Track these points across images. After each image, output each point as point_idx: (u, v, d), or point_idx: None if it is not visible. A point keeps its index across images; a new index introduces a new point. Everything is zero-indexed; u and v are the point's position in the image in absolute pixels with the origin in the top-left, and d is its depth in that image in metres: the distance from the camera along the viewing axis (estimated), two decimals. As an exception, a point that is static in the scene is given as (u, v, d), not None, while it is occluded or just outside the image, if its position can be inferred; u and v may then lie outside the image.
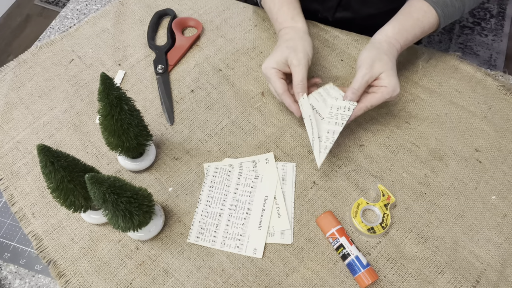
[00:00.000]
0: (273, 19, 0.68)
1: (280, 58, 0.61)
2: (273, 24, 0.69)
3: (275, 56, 0.61)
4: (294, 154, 0.63)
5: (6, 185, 0.61)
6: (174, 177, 0.61)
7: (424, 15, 0.62)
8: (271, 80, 0.61)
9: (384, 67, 0.58)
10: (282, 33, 0.65)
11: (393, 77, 0.58)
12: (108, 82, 0.47)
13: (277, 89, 0.61)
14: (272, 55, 0.62)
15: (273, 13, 0.67)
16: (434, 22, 0.63)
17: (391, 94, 0.58)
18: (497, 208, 0.58)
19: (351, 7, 0.75)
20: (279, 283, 0.53)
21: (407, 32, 0.62)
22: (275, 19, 0.67)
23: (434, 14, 0.62)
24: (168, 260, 0.55)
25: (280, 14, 0.66)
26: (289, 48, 0.61)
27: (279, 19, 0.66)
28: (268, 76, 0.62)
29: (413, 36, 0.63)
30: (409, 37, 0.62)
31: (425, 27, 0.62)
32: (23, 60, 0.73)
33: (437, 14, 0.62)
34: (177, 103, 0.68)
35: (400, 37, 0.62)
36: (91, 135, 0.65)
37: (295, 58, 0.60)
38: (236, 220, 0.57)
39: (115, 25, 0.77)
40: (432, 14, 0.62)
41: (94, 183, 0.42)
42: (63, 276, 0.54)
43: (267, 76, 0.62)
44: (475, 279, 0.53)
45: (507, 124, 0.65)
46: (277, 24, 0.67)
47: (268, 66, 0.61)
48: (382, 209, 0.56)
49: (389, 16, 0.76)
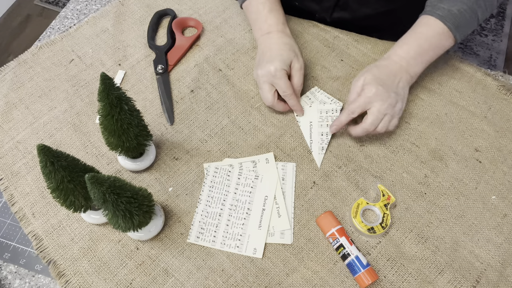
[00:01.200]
0: (260, 20, 0.67)
1: (287, 60, 0.62)
2: (255, 24, 0.68)
3: (283, 58, 0.62)
4: (294, 154, 0.63)
5: (6, 185, 0.61)
6: (174, 177, 0.61)
7: (428, 29, 0.61)
8: (282, 81, 0.62)
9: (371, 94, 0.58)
10: (276, 35, 0.65)
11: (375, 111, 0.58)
12: (108, 82, 0.47)
13: (287, 89, 0.62)
14: (278, 56, 0.62)
15: (261, 14, 0.67)
16: (441, 32, 0.60)
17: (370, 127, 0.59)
18: (497, 208, 0.58)
19: (349, 8, 0.75)
20: (279, 283, 0.53)
21: (407, 45, 0.62)
22: (263, 20, 0.67)
23: (441, 26, 0.60)
24: (168, 260, 0.55)
25: (271, 17, 0.66)
26: (291, 51, 0.63)
27: (268, 21, 0.66)
28: (278, 77, 0.62)
29: (418, 48, 0.61)
30: (411, 50, 0.61)
31: (432, 40, 0.61)
32: (23, 60, 0.73)
33: (447, 26, 0.60)
34: (177, 103, 0.68)
35: (400, 50, 0.62)
36: (91, 135, 0.65)
37: (297, 62, 0.63)
38: (236, 220, 0.57)
39: (115, 25, 0.77)
40: (438, 26, 0.60)
41: (94, 183, 0.42)
42: (63, 276, 0.54)
43: (277, 77, 0.62)
44: (475, 279, 0.53)
45: (507, 124, 0.65)
46: (265, 26, 0.66)
47: (278, 68, 0.61)
48: (382, 209, 0.56)
49: (387, 16, 0.76)
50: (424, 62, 0.62)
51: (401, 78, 0.61)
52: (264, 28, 0.67)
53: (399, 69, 0.61)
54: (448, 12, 0.60)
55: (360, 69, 0.71)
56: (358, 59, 0.72)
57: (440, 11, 0.60)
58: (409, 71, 0.61)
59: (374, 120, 0.58)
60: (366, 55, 0.72)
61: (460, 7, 0.59)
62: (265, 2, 0.67)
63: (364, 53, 0.73)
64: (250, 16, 0.69)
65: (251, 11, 0.69)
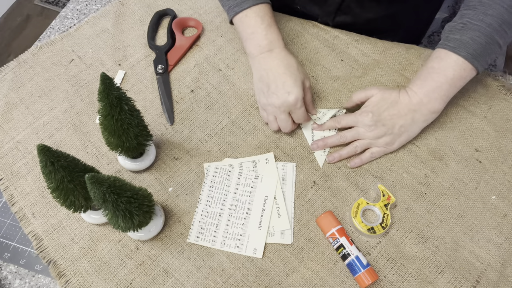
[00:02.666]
0: (258, 36, 0.62)
1: (301, 84, 0.59)
2: (252, 40, 0.62)
3: (298, 84, 0.59)
4: (294, 154, 0.63)
5: (6, 185, 0.61)
6: (174, 177, 0.61)
7: (441, 62, 0.58)
8: (301, 110, 0.60)
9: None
10: (280, 55, 0.61)
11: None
12: (108, 82, 0.47)
13: (305, 118, 0.62)
14: (295, 82, 0.59)
15: (259, 28, 0.62)
16: (456, 63, 0.57)
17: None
18: (497, 208, 0.58)
19: (351, 12, 0.74)
20: (279, 283, 0.53)
21: (420, 80, 0.60)
22: (263, 36, 0.61)
23: (454, 57, 0.57)
24: (168, 260, 0.55)
25: (271, 32, 0.62)
26: (301, 73, 0.61)
27: (269, 37, 0.61)
28: (299, 107, 0.59)
29: (432, 82, 0.59)
30: (425, 86, 0.59)
31: (447, 73, 0.58)
32: (23, 60, 0.73)
33: (461, 56, 0.57)
34: (177, 103, 0.68)
35: (414, 86, 0.60)
36: (91, 135, 0.65)
37: (307, 81, 0.62)
38: (236, 220, 0.57)
39: (115, 25, 0.77)
40: (451, 57, 0.58)
41: (94, 183, 0.42)
42: (63, 276, 0.54)
43: (297, 107, 0.59)
44: (475, 279, 0.53)
45: (507, 124, 0.65)
46: (265, 42, 0.61)
47: (300, 97, 0.58)
48: (382, 209, 0.56)
49: (388, 20, 0.76)
50: (442, 97, 0.59)
51: (405, 116, 0.59)
52: (264, 45, 0.61)
53: (407, 104, 0.59)
54: (459, 42, 0.57)
55: (360, 69, 0.71)
56: (358, 59, 0.72)
57: (452, 42, 0.58)
58: (422, 108, 0.59)
59: (354, 135, 0.61)
60: (366, 55, 0.72)
61: (473, 35, 0.56)
62: (263, 16, 0.62)
63: (364, 53, 0.73)
64: (245, 31, 0.63)
65: (247, 25, 0.62)
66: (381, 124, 0.59)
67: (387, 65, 0.71)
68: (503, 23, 0.55)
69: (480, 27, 0.56)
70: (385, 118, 0.59)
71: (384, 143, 0.60)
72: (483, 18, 0.56)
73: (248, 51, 0.64)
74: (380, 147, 0.61)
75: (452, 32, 0.58)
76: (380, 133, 0.60)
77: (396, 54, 0.72)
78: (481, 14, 0.56)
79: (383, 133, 0.60)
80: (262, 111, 0.63)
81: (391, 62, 0.71)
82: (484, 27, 0.56)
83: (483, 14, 0.56)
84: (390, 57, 0.72)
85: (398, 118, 0.59)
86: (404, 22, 0.77)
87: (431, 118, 0.60)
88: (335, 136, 0.62)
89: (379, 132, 0.60)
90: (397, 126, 0.59)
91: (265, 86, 0.60)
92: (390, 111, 0.60)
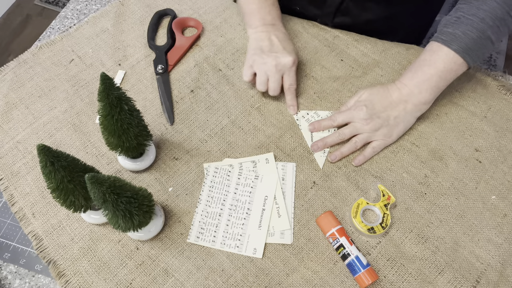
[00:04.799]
0: (263, 11, 0.68)
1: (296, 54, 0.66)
2: (257, 14, 0.68)
3: (296, 52, 0.67)
4: (294, 154, 0.63)
5: (6, 185, 0.61)
6: (174, 177, 0.61)
7: (432, 54, 0.60)
8: (294, 72, 0.65)
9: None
10: (282, 29, 0.69)
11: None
12: (108, 82, 0.47)
13: (295, 82, 0.66)
14: (293, 49, 0.67)
15: (264, 5, 0.68)
16: (447, 57, 0.58)
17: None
18: (497, 208, 0.58)
19: (350, 13, 0.74)
20: (279, 283, 0.53)
21: (411, 72, 0.61)
22: (267, 11, 0.68)
23: (445, 50, 0.58)
24: (168, 260, 0.55)
25: (274, 10, 0.69)
26: (292, 43, 0.69)
27: (272, 13, 0.69)
28: (294, 69, 0.65)
29: (423, 74, 0.60)
30: (415, 77, 0.60)
31: (437, 65, 0.59)
32: (23, 60, 0.73)
33: (452, 50, 0.58)
34: (177, 103, 0.68)
35: (404, 78, 0.62)
36: (91, 135, 0.65)
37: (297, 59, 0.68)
38: (236, 220, 0.57)
39: (115, 25, 0.77)
40: (443, 50, 0.59)
41: (94, 183, 0.42)
42: (63, 276, 0.54)
43: (292, 69, 0.65)
44: (475, 279, 0.53)
45: (507, 124, 0.65)
46: (269, 17, 0.68)
47: (296, 61, 0.65)
48: (382, 209, 0.56)
49: (388, 21, 0.76)
50: (432, 89, 0.60)
51: (397, 107, 0.61)
52: (268, 19, 0.68)
53: (398, 96, 0.61)
54: (452, 36, 0.58)
55: (360, 69, 0.71)
56: (358, 59, 0.72)
57: (444, 35, 0.59)
58: (413, 99, 0.60)
59: (352, 130, 0.62)
60: (366, 55, 0.72)
61: (465, 29, 0.57)
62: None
63: (364, 53, 0.73)
64: (251, 6, 0.69)
65: (252, 1, 0.69)
66: (376, 116, 0.60)
67: (387, 65, 0.71)
68: (496, 19, 0.56)
69: (473, 22, 0.57)
70: (379, 110, 0.61)
71: (383, 135, 0.61)
72: (476, 13, 0.57)
73: (251, 23, 0.69)
74: (379, 140, 0.61)
75: (446, 26, 0.59)
76: (377, 126, 0.60)
77: (396, 54, 0.72)
78: (475, 8, 0.57)
79: (380, 125, 0.60)
80: (249, 69, 0.66)
81: (391, 62, 0.71)
82: (477, 22, 0.56)
83: (477, 8, 0.57)
84: (390, 57, 0.72)
85: (392, 110, 0.61)
86: (404, 24, 0.77)
87: (423, 108, 0.62)
88: (333, 135, 0.62)
89: (376, 125, 0.60)
90: (392, 117, 0.61)
91: (266, 46, 0.66)
92: (382, 102, 0.61)
